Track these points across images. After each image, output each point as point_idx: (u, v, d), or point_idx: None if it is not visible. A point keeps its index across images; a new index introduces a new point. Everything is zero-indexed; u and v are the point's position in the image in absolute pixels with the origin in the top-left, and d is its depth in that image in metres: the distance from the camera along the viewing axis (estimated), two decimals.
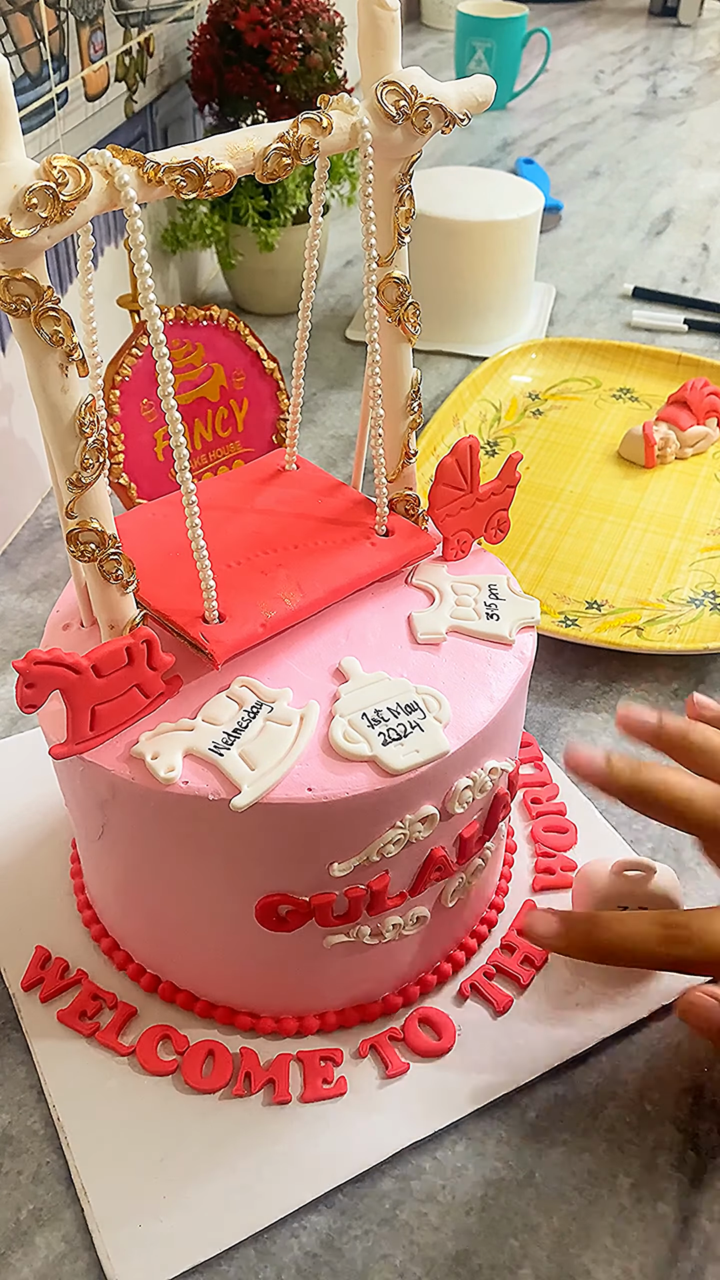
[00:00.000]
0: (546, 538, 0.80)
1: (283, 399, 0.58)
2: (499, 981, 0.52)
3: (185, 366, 0.55)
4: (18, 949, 0.52)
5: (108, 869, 0.49)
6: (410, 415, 0.48)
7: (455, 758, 0.42)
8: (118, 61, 0.88)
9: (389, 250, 0.44)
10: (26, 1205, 0.45)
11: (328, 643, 0.46)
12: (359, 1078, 0.48)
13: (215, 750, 0.41)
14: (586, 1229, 0.44)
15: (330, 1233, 0.44)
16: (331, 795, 0.40)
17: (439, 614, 0.47)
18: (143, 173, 0.35)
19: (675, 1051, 0.50)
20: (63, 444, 0.37)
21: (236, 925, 0.44)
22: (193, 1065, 0.48)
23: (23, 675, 0.38)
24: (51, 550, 0.79)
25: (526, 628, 0.48)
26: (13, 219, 0.32)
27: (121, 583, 0.41)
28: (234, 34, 0.94)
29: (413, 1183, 0.45)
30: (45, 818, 0.58)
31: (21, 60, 0.72)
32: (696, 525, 0.81)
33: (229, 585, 0.45)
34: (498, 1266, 0.43)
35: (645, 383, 0.98)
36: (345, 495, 0.51)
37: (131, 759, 0.41)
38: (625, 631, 0.70)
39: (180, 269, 1.08)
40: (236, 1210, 0.44)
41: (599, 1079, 0.49)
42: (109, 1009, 0.50)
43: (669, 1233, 0.44)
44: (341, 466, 0.88)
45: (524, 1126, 0.47)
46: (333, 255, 1.21)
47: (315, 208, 0.45)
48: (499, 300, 1.05)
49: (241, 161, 0.37)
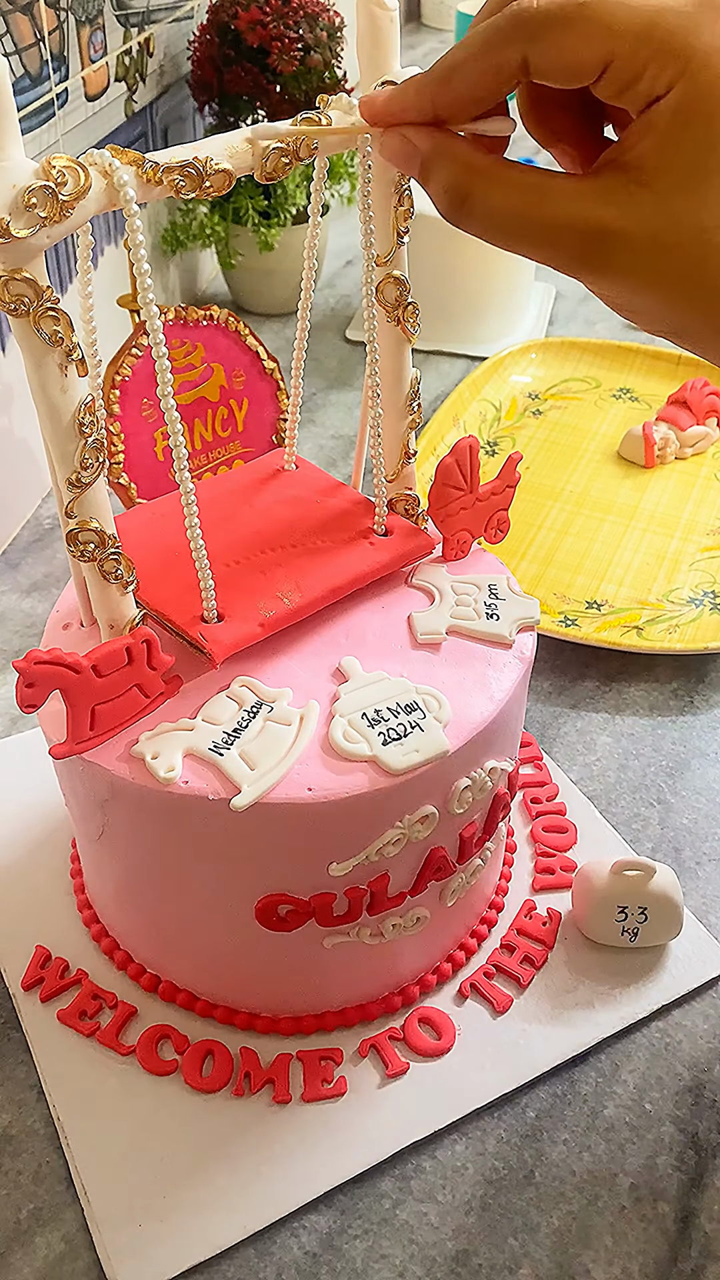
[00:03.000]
0: (546, 538, 0.80)
1: (283, 399, 0.58)
2: (499, 981, 0.52)
3: (185, 366, 0.55)
4: (18, 949, 0.52)
5: (108, 869, 0.49)
6: (410, 415, 0.48)
7: (455, 758, 0.42)
8: (118, 61, 0.88)
9: (388, 250, 0.44)
10: (26, 1205, 0.45)
11: (328, 643, 0.46)
12: (359, 1078, 0.48)
13: (215, 750, 0.41)
14: (586, 1229, 0.44)
15: (330, 1233, 0.44)
16: (331, 795, 0.40)
17: (439, 614, 0.47)
18: (142, 173, 0.35)
19: (675, 1051, 0.50)
20: (63, 444, 0.37)
21: (236, 925, 0.44)
22: (193, 1065, 0.48)
23: (23, 675, 0.38)
24: (51, 550, 0.79)
25: (526, 628, 0.48)
26: (12, 219, 0.32)
27: (121, 582, 0.41)
28: (234, 34, 0.94)
29: (413, 1183, 0.45)
30: (45, 818, 0.58)
31: (21, 60, 0.72)
32: (696, 525, 0.81)
33: (228, 585, 0.45)
34: (498, 1266, 0.43)
35: (645, 383, 0.98)
36: (345, 495, 0.51)
37: (131, 759, 0.41)
38: (625, 631, 0.70)
39: (180, 269, 1.08)
40: (236, 1210, 0.44)
41: (599, 1079, 0.49)
42: (109, 1009, 0.50)
43: (669, 1233, 0.44)
44: (341, 466, 0.88)
45: (524, 1126, 0.47)
46: (333, 255, 1.21)
47: (315, 208, 0.45)
48: (499, 300, 1.05)
49: (241, 161, 0.37)
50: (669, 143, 0.31)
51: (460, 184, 0.34)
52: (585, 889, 0.52)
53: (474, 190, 0.34)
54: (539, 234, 0.33)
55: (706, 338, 0.34)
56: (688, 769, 0.64)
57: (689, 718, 0.67)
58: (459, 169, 0.34)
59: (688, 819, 0.61)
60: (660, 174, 0.31)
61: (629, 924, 0.51)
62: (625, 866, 0.51)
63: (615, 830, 0.59)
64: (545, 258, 0.34)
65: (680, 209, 0.31)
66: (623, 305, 0.34)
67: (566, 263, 0.33)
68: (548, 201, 0.33)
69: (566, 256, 0.33)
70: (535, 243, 0.33)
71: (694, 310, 0.33)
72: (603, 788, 0.62)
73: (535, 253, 0.34)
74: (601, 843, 0.58)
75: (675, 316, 0.33)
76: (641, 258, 0.32)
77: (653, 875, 0.51)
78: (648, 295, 0.33)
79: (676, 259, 0.32)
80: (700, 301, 0.32)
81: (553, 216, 0.32)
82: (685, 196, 0.31)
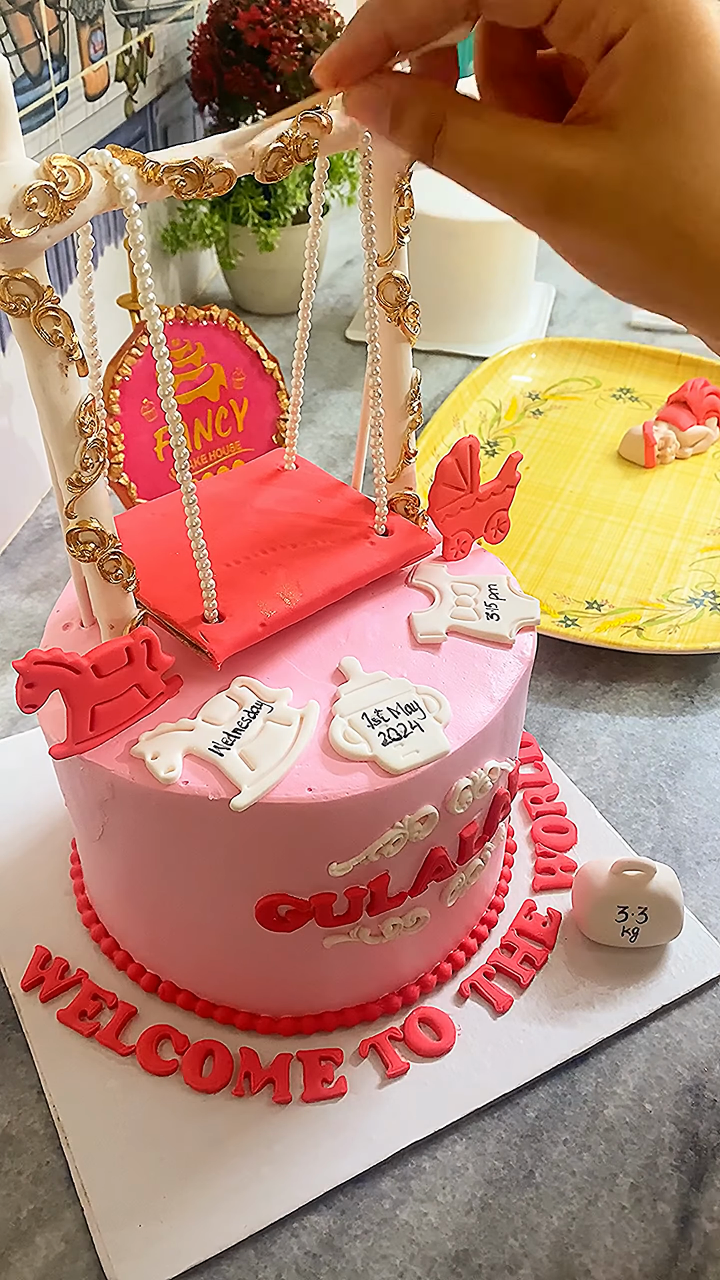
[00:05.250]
0: (546, 538, 0.80)
1: (283, 399, 0.58)
2: (499, 981, 0.52)
3: (185, 366, 0.55)
4: (18, 949, 0.52)
5: (108, 869, 0.49)
6: (410, 415, 0.48)
7: (455, 758, 0.42)
8: (118, 61, 0.88)
9: (389, 250, 0.44)
10: (26, 1205, 0.45)
11: (328, 643, 0.46)
12: (359, 1078, 0.48)
13: (215, 750, 0.41)
14: (586, 1229, 0.44)
15: (330, 1233, 0.44)
16: (331, 795, 0.40)
17: (439, 614, 0.47)
18: (142, 173, 0.35)
19: (675, 1051, 0.50)
20: (63, 444, 0.37)
21: (236, 925, 0.44)
22: (193, 1065, 0.48)
23: (23, 675, 0.38)
24: (51, 550, 0.79)
25: (526, 628, 0.48)
26: (13, 219, 0.32)
27: (121, 582, 0.41)
28: (234, 34, 0.94)
29: (413, 1183, 0.45)
30: (45, 818, 0.58)
31: (21, 60, 0.72)
32: (696, 525, 0.81)
33: (229, 585, 0.45)
34: (498, 1266, 0.43)
35: (645, 383, 0.98)
36: (345, 495, 0.51)
37: (131, 759, 0.41)
38: (625, 631, 0.70)
39: (180, 269, 1.08)
40: (236, 1210, 0.44)
41: (599, 1079, 0.49)
42: (109, 1009, 0.50)
43: (669, 1233, 0.44)
44: (341, 466, 0.88)
45: (524, 1126, 0.47)
46: (333, 255, 1.21)
47: (315, 208, 0.45)
48: (499, 300, 1.05)
49: (241, 161, 0.37)
50: (634, 85, 0.29)
51: (434, 116, 0.32)
52: (585, 889, 0.52)
53: (448, 122, 0.32)
54: (507, 173, 0.31)
55: (678, 294, 0.32)
56: (688, 769, 0.64)
57: (689, 718, 0.67)
58: (434, 102, 0.33)
59: (688, 819, 0.61)
60: (627, 118, 0.30)
61: (629, 924, 0.51)
62: (625, 866, 0.51)
63: (615, 830, 0.59)
64: (512, 203, 0.32)
65: (651, 151, 0.30)
66: (592, 261, 0.33)
67: (533, 208, 0.31)
68: (519, 141, 0.31)
69: (534, 201, 0.31)
70: (503, 184, 0.32)
71: (665, 261, 0.31)
72: (603, 788, 0.62)
73: (503, 196, 0.32)
74: (601, 843, 0.58)
75: (646, 269, 0.31)
76: (611, 204, 0.30)
77: (653, 875, 0.51)
78: (617, 245, 0.31)
79: (648, 203, 0.30)
80: (671, 250, 0.30)
81: (522, 157, 0.31)
82: (655, 138, 0.30)
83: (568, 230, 0.32)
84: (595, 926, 0.52)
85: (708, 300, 0.31)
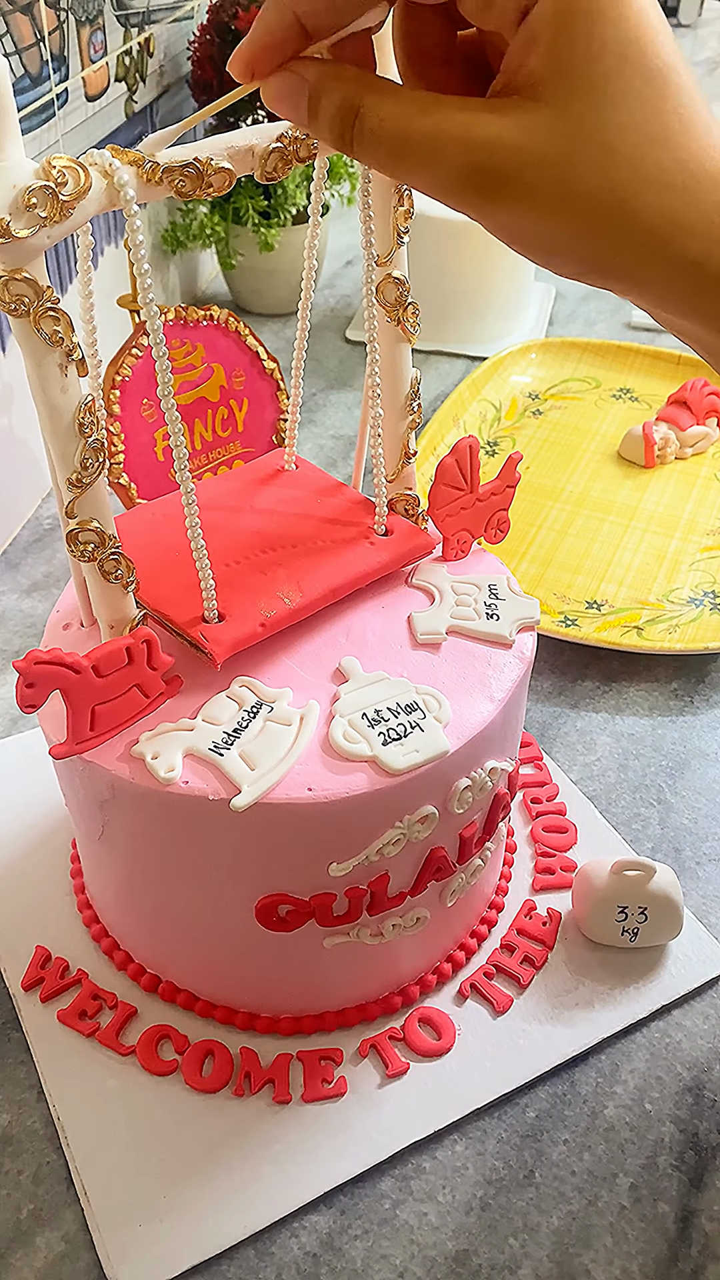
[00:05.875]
0: (546, 538, 0.80)
1: (283, 399, 0.58)
2: (499, 981, 0.52)
3: (185, 366, 0.54)
4: (18, 949, 0.52)
5: (108, 869, 0.49)
6: (410, 415, 0.48)
7: (455, 758, 0.42)
8: (118, 61, 0.88)
9: (388, 250, 0.44)
10: (26, 1205, 0.45)
11: (328, 643, 0.46)
12: (359, 1078, 0.48)
13: (215, 750, 0.41)
14: (586, 1229, 0.44)
15: (330, 1233, 0.44)
16: (331, 795, 0.40)
17: (439, 614, 0.47)
18: (142, 173, 0.35)
19: (675, 1051, 0.50)
20: (63, 444, 0.37)
21: (236, 925, 0.44)
22: (193, 1065, 0.48)
23: (23, 675, 0.38)
24: (51, 550, 0.79)
25: (526, 628, 0.48)
26: (12, 219, 0.32)
27: (121, 582, 0.41)
28: (234, 34, 0.94)
29: (413, 1183, 0.45)
30: (45, 818, 0.58)
31: (21, 60, 0.72)
32: (696, 525, 0.81)
33: (228, 585, 0.45)
34: (498, 1266, 0.43)
35: (645, 383, 0.98)
36: (345, 495, 0.51)
37: (131, 759, 0.41)
38: (625, 631, 0.70)
39: (180, 269, 1.08)
40: (236, 1210, 0.44)
41: (599, 1079, 0.49)
42: (109, 1009, 0.50)
43: (669, 1233, 0.44)
44: (341, 466, 0.88)
45: (524, 1126, 0.47)
46: (333, 255, 1.21)
47: (315, 208, 0.45)
48: (499, 300, 1.05)
49: (241, 161, 0.37)
50: (554, 50, 0.28)
51: (350, 100, 0.31)
52: (585, 889, 0.52)
53: (363, 104, 0.30)
54: (429, 151, 0.30)
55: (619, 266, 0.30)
56: (688, 769, 0.64)
57: (689, 718, 0.67)
58: (349, 86, 0.31)
59: (688, 819, 0.61)
60: (550, 85, 0.28)
61: (629, 924, 0.51)
62: (625, 866, 0.51)
63: (615, 830, 0.59)
64: (438, 183, 0.30)
65: (579, 116, 0.28)
66: (529, 238, 0.31)
67: (461, 187, 0.30)
68: (440, 118, 0.29)
69: (460, 179, 0.29)
70: (425, 163, 0.30)
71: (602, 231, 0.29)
72: (603, 788, 0.62)
73: (427, 177, 0.30)
74: (601, 843, 0.58)
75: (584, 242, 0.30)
76: (541, 174, 0.28)
77: (653, 875, 0.51)
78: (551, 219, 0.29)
79: (579, 170, 0.28)
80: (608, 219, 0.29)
81: (444, 133, 0.29)
82: (581, 103, 0.28)
83: (499, 208, 0.30)
84: (595, 926, 0.52)
85: (650, 270, 0.30)
